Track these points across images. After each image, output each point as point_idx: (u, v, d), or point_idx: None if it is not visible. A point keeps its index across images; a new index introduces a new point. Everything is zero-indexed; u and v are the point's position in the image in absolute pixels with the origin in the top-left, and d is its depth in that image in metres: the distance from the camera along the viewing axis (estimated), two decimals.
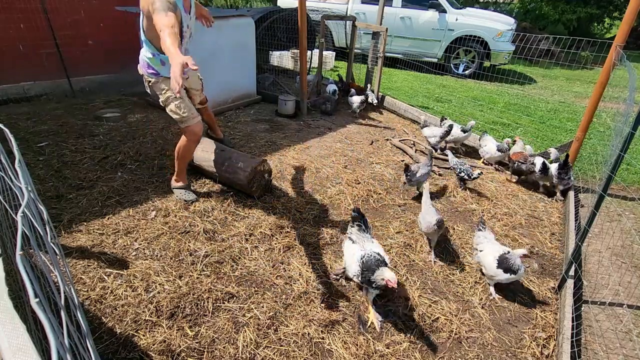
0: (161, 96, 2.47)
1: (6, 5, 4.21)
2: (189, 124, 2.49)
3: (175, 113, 2.45)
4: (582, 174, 3.39)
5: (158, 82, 2.45)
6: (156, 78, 2.44)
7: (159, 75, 2.44)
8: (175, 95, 2.16)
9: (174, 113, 2.46)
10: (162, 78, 2.44)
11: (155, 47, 2.36)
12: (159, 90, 2.47)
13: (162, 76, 2.44)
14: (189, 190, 2.75)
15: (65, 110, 4.31)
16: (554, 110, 5.71)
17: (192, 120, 2.50)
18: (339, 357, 1.67)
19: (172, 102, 2.44)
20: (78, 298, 1.54)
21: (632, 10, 2.49)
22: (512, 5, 15.83)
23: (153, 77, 2.44)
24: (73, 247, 2.17)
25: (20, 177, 0.96)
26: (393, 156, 3.76)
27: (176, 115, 2.46)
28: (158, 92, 2.48)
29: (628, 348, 1.82)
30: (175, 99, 2.44)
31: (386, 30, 4.76)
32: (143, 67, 2.47)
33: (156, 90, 2.48)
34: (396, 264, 2.26)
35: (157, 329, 1.72)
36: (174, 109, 2.44)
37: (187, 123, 2.49)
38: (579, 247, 2.00)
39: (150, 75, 2.44)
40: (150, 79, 2.46)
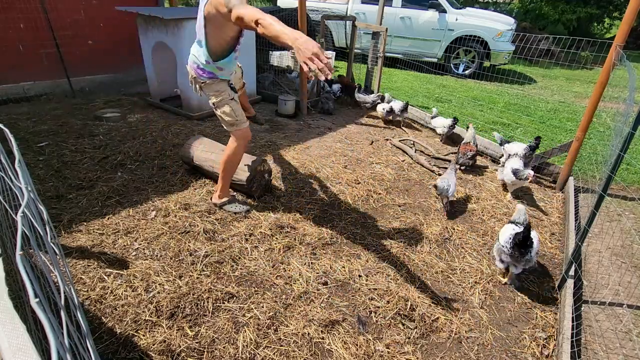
0: (214, 97, 2.29)
1: (6, 5, 4.21)
2: (241, 127, 2.37)
3: (228, 115, 2.30)
4: (582, 174, 3.39)
5: (213, 83, 2.26)
6: (211, 80, 2.25)
7: (215, 77, 2.25)
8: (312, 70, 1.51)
9: (228, 115, 2.30)
10: (219, 80, 2.27)
11: (212, 55, 2.13)
12: (212, 91, 2.28)
13: (219, 78, 2.26)
14: (236, 201, 2.64)
15: (65, 110, 4.31)
16: (554, 110, 5.71)
17: (244, 124, 2.38)
18: (339, 357, 1.67)
19: (228, 104, 2.29)
20: (78, 298, 1.55)
21: (632, 10, 2.49)
22: (512, 5, 15.83)
23: (207, 79, 2.25)
24: (73, 247, 2.17)
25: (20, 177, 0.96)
26: (393, 156, 3.76)
27: (229, 118, 2.31)
28: (211, 92, 2.29)
29: (628, 348, 1.82)
30: (231, 101, 2.29)
31: (386, 30, 4.76)
32: (195, 69, 2.25)
33: (209, 91, 2.29)
34: (396, 264, 2.26)
35: (157, 329, 1.72)
36: (228, 111, 2.29)
37: (240, 126, 2.36)
38: (579, 247, 2.00)
39: (204, 77, 2.24)
40: (204, 81, 2.26)
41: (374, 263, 2.26)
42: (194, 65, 2.24)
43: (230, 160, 2.46)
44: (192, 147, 2.96)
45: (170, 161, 3.27)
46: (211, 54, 2.13)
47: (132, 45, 5.20)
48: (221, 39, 2.09)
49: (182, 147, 3.05)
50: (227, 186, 2.62)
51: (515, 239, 1.98)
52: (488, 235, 2.60)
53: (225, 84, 2.31)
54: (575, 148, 3.12)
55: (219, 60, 2.16)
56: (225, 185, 2.58)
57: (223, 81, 2.29)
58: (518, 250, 1.97)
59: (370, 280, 2.11)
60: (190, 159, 2.96)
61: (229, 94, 2.31)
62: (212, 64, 2.16)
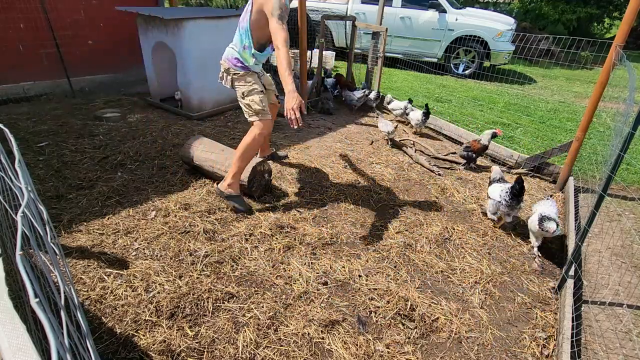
0: (243, 87, 2.49)
1: (6, 5, 4.21)
2: (266, 117, 2.52)
3: (257, 104, 2.47)
4: (582, 174, 3.39)
5: (247, 74, 2.49)
6: (244, 71, 2.48)
7: (248, 69, 2.49)
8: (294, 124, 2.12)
9: (256, 104, 2.47)
10: (250, 72, 2.51)
11: (253, 41, 2.39)
12: (243, 81, 2.49)
13: (251, 70, 2.50)
14: (242, 200, 2.64)
15: (65, 110, 4.31)
16: (554, 110, 5.71)
17: (268, 115, 2.54)
18: (339, 357, 1.67)
19: (257, 94, 2.49)
20: (78, 298, 1.55)
21: (632, 10, 2.49)
22: (512, 5, 15.83)
23: (240, 70, 2.48)
24: (73, 247, 2.17)
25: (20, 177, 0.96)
26: (393, 156, 3.76)
27: (257, 106, 2.47)
28: (242, 82, 2.50)
29: (628, 348, 1.82)
30: (260, 93, 2.50)
31: (386, 30, 4.76)
32: (229, 60, 2.48)
33: (240, 81, 2.50)
34: (396, 264, 2.26)
35: (157, 329, 1.72)
36: (257, 101, 2.47)
37: (265, 117, 2.51)
38: (579, 247, 2.00)
39: (237, 68, 2.47)
40: (237, 72, 2.48)
41: (374, 263, 2.26)
42: (230, 57, 2.47)
43: (248, 146, 2.49)
44: (192, 147, 2.96)
45: (170, 161, 3.27)
46: (253, 39, 2.38)
47: (132, 45, 5.19)
48: (261, 31, 2.35)
49: (182, 147, 3.05)
50: (239, 176, 2.58)
51: (513, 190, 2.42)
52: (488, 235, 2.60)
53: (257, 76, 2.56)
54: (575, 148, 3.12)
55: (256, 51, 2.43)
56: (237, 173, 2.55)
57: (255, 74, 2.53)
58: (517, 199, 2.43)
59: (370, 280, 2.11)
60: (190, 159, 2.97)
61: (259, 86, 2.53)
62: (250, 49, 2.41)
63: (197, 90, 4.18)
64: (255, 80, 2.52)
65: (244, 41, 2.41)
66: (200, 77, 4.11)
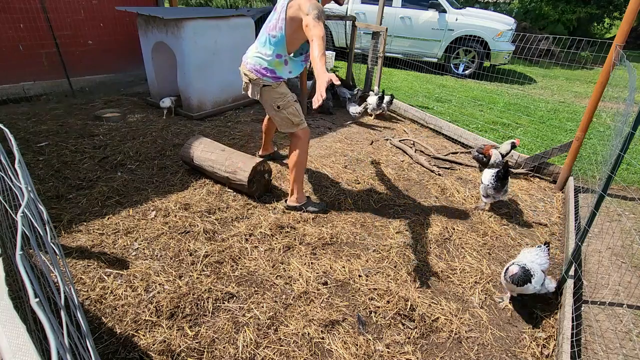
0: (278, 101, 2.38)
1: (6, 5, 4.21)
2: (304, 125, 2.47)
3: (295, 116, 2.42)
4: (582, 174, 3.39)
5: (278, 86, 2.38)
6: (276, 82, 2.37)
7: (280, 79, 2.38)
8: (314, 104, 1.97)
9: (295, 116, 2.41)
10: (282, 82, 2.39)
11: (288, 50, 2.27)
12: (277, 94, 2.38)
13: (282, 80, 2.38)
14: (311, 202, 2.66)
15: (65, 110, 4.31)
16: (554, 110, 5.71)
17: (305, 122, 2.50)
18: (339, 357, 1.67)
19: (293, 105, 2.41)
20: (78, 298, 1.55)
21: (632, 10, 2.49)
22: (512, 5, 15.83)
23: (273, 82, 2.35)
24: (73, 247, 2.17)
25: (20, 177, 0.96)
26: (393, 156, 3.76)
27: (295, 118, 2.42)
28: (276, 96, 2.39)
29: (628, 348, 1.82)
30: (295, 102, 2.41)
31: (386, 30, 4.76)
32: (257, 71, 2.32)
33: (273, 95, 2.38)
34: (396, 264, 2.26)
35: (157, 329, 1.72)
36: (294, 112, 2.41)
37: (303, 125, 2.46)
38: (579, 247, 2.00)
39: (268, 79, 2.33)
40: (267, 83, 2.34)
41: (374, 263, 2.26)
42: (257, 67, 2.31)
43: (300, 161, 2.48)
44: (192, 147, 2.96)
45: (170, 161, 3.27)
46: (286, 47, 2.24)
47: (132, 45, 5.20)
48: (294, 37, 2.22)
49: (182, 147, 3.05)
50: (301, 186, 2.61)
51: (498, 173, 2.67)
52: (488, 235, 2.60)
53: (286, 86, 2.45)
54: (575, 148, 3.12)
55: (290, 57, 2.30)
56: (299, 187, 2.58)
57: (284, 84, 2.43)
58: (502, 182, 2.67)
59: (370, 280, 2.11)
60: (190, 159, 2.97)
61: (293, 96, 2.43)
62: (282, 57, 2.27)
63: (197, 91, 4.18)
64: (287, 91, 2.43)
65: (277, 50, 2.26)
66: (200, 77, 4.12)
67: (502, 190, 2.72)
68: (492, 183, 2.71)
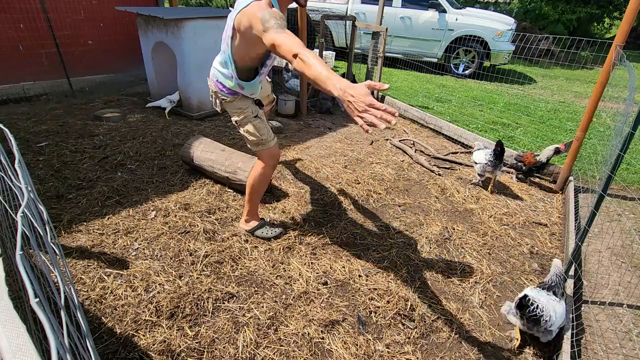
0: (235, 115, 2.11)
1: (6, 5, 4.21)
2: (268, 146, 2.14)
3: (253, 135, 2.10)
4: (582, 173, 3.39)
5: (235, 100, 2.08)
6: (232, 97, 2.07)
7: (237, 94, 2.06)
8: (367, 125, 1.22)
9: (252, 135, 2.10)
10: (240, 96, 2.08)
11: (237, 69, 1.95)
12: (234, 108, 2.10)
13: (240, 95, 2.07)
14: (268, 225, 2.42)
15: (65, 110, 4.31)
16: (554, 110, 5.71)
17: (271, 142, 2.15)
18: (339, 357, 1.67)
19: (251, 122, 2.09)
20: (78, 298, 1.55)
21: (632, 10, 2.49)
22: (512, 5, 15.83)
23: (229, 96, 2.06)
24: (73, 247, 2.17)
25: (20, 177, 0.96)
26: (393, 156, 3.76)
27: (253, 137, 2.10)
28: (233, 110, 2.11)
29: (628, 348, 1.82)
30: (254, 119, 2.09)
31: (386, 30, 4.76)
32: (216, 83, 2.08)
33: (231, 108, 2.12)
34: (396, 264, 2.26)
35: (157, 329, 1.72)
36: (252, 131, 2.09)
37: (267, 145, 2.14)
38: (579, 247, 2.00)
39: (224, 94, 2.06)
40: (224, 97, 2.08)
41: (374, 263, 2.26)
42: (214, 79, 2.07)
43: (256, 182, 2.23)
44: (192, 147, 2.96)
45: (170, 161, 3.27)
46: (236, 67, 1.94)
47: (132, 45, 5.20)
48: (246, 54, 1.88)
49: (182, 147, 3.05)
50: (256, 209, 2.38)
51: (495, 151, 2.98)
52: (488, 235, 2.60)
53: (248, 100, 2.12)
54: (575, 148, 3.12)
55: (242, 81, 1.98)
56: (252, 208, 2.35)
57: (246, 98, 2.10)
58: (498, 158, 2.98)
59: (370, 280, 2.11)
60: (190, 159, 2.97)
61: (252, 111, 2.11)
62: (235, 80, 1.97)
63: (197, 91, 4.18)
64: (247, 105, 2.10)
65: (228, 68, 1.96)
66: (200, 77, 4.11)
67: (498, 167, 3.02)
68: (490, 161, 3.00)
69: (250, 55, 1.89)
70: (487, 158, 3.04)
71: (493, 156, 3.00)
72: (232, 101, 2.08)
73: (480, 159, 3.10)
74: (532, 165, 3.23)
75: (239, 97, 2.07)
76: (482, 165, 3.07)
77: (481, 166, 3.08)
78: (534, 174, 3.37)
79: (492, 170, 3.05)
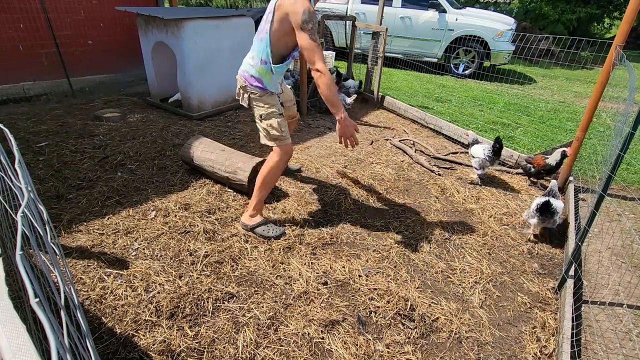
0: (261, 109, 2.24)
1: (6, 5, 4.22)
2: (286, 142, 2.29)
3: (275, 130, 2.23)
4: (582, 173, 3.39)
5: (265, 95, 2.23)
6: (261, 92, 2.21)
7: (266, 90, 2.22)
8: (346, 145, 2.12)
9: (274, 130, 2.23)
10: (268, 93, 2.23)
11: (272, 52, 2.12)
12: (262, 103, 2.24)
13: (269, 91, 2.23)
14: (269, 223, 2.43)
15: (65, 110, 4.31)
16: (554, 110, 5.71)
17: (289, 139, 2.31)
18: (339, 357, 1.67)
19: (276, 118, 2.23)
20: (78, 298, 1.55)
21: (632, 10, 2.49)
22: (512, 5, 15.84)
23: (258, 90, 2.21)
24: (73, 247, 2.17)
25: (20, 177, 0.96)
26: (393, 156, 3.76)
27: (275, 132, 2.24)
28: (260, 104, 2.24)
29: (628, 348, 1.82)
30: (279, 116, 2.25)
31: (386, 30, 4.76)
32: (246, 77, 2.22)
33: (260, 102, 2.25)
34: (396, 264, 2.26)
35: (157, 329, 1.72)
36: (276, 126, 2.23)
37: (285, 142, 2.29)
38: (579, 247, 2.00)
39: (254, 88, 2.20)
40: (254, 92, 2.22)
41: (374, 263, 2.26)
42: (245, 74, 2.22)
43: (269, 175, 2.32)
44: (192, 147, 2.96)
45: (170, 161, 3.27)
46: (272, 53, 2.11)
47: (132, 45, 5.20)
48: (282, 39, 2.09)
49: (182, 147, 3.05)
50: (262, 205, 2.43)
51: (494, 147, 3.08)
52: (488, 235, 2.60)
53: (275, 97, 2.29)
54: (575, 148, 3.12)
55: (276, 64, 2.15)
56: (259, 203, 2.39)
57: (273, 94, 2.27)
58: (497, 154, 3.10)
59: (370, 280, 2.11)
60: (190, 159, 2.97)
61: (278, 109, 2.27)
62: (268, 64, 2.13)
63: (197, 91, 4.18)
64: (274, 102, 2.26)
65: (262, 55, 2.13)
66: (200, 77, 4.12)
67: (496, 162, 3.19)
68: (489, 157, 3.11)
69: (285, 40, 2.11)
70: (485, 153, 3.13)
71: (492, 152, 3.09)
72: (262, 96, 2.24)
73: (478, 153, 3.18)
74: (541, 168, 3.18)
75: (267, 93, 2.23)
76: (480, 159, 3.17)
77: (480, 161, 3.17)
78: (543, 177, 3.30)
79: (490, 165, 3.19)
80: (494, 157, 3.11)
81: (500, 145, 3.07)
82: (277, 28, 2.04)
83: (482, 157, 3.15)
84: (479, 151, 3.19)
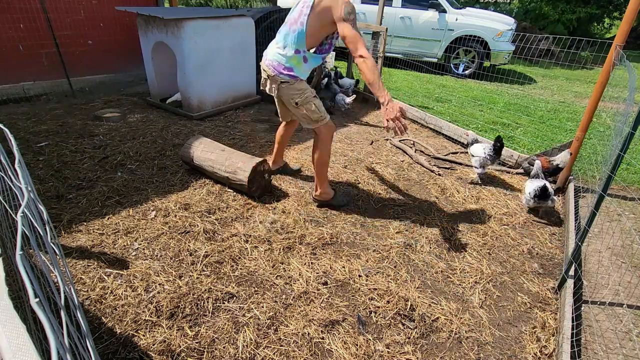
0: (297, 97, 2.35)
1: (6, 5, 4.21)
2: (326, 121, 2.45)
3: (315, 112, 2.38)
4: (582, 173, 3.39)
5: (296, 82, 2.34)
6: (293, 79, 2.33)
7: (297, 77, 2.33)
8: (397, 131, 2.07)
9: (314, 112, 2.37)
10: (299, 80, 2.35)
11: (307, 44, 2.26)
12: (294, 91, 2.35)
13: (299, 78, 2.35)
14: (339, 194, 2.74)
15: (65, 110, 4.31)
16: (554, 110, 5.71)
17: (328, 117, 2.46)
18: (339, 357, 1.67)
19: (312, 101, 2.36)
20: (78, 298, 1.54)
21: (632, 10, 2.49)
22: (512, 5, 15.84)
23: (289, 79, 2.32)
24: (73, 247, 2.17)
25: (20, 177, 0.96)
26: (393, 156, 3.76)
27: (316, 115, 2.38)
28: (293, 92, 2.35)
29: (628, 348, 1.82)
30: (314, 98, 2.37)
31: (386, 30, 4.76)
32: (276, 67, 2.32)
33: (291, 92, 2.36)
34: (396, 264, 2.26)
35: (157, 329, 1.72)
36: (314, 108, 2.37)
37: (325, 120, 2.44)
38: (579, 247, 2.00)
39: (284, 76, 2.31)
40: (285, 80, 2.32)
41: (374, 263, 2.26)
42: (274, 63, 2.31)
43: (322, 154, 2.50)
44: (192, 147, 2.96)
45: (170, 161, 3.27)
46: (306, 43, 2.24)
47: (132, 45, 5.20)
48: (318, 32, 2.23)
49: (182, 147, 3.05)
50: (326, 182, 2.65)
51: (495, 147, 3.13)
52: (488, 235, 2.60)
53: (305, 82, 2.41)
54: (575, 148, 3.12)
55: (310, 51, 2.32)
56: (323, 181, 2.62)
57: (303, 81, 2.38)
58: (498, 153, 3.15)
59: (370, 280, 2.11)
60: (190, 159, 2.97)
61: (311, 92, 2.40)
62: (302, 53, 2.27)
63: (197, 91, 4.18)
64: (306, 87, 2.38)
65: (296, 45, 2.24)
66: (200, 77, 4.11)
67: (496, 161, 3.25)
68: (490, 156, 3.14)
69: (321, 32, 2.26)
70: (486, 152, 3.15)
71: (493, 151, 3.12)
72: (293, 84, 2.34)
73: (478, 152, 3.20)
74: (545, 169, 3.15)
75: (298, 80, 2.34)
76: (481, 158, 3.18)
77: (481, 159, 3.19)
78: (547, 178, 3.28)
79: (490, 164, 3.22)
80: (494, 156, 3.13)
81: (501, 144, 3.10)
82: (315, 20, 2.17)
83: (483, 155, 3.16)
84: (479, 150, 3.20)
